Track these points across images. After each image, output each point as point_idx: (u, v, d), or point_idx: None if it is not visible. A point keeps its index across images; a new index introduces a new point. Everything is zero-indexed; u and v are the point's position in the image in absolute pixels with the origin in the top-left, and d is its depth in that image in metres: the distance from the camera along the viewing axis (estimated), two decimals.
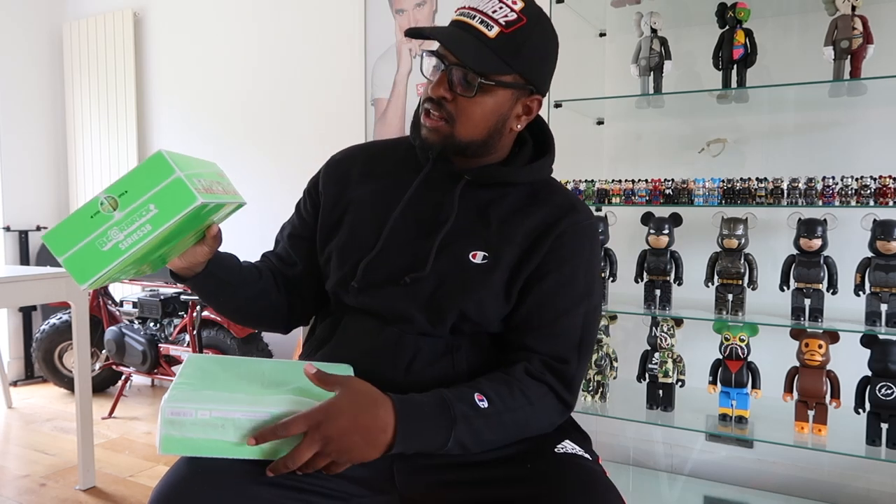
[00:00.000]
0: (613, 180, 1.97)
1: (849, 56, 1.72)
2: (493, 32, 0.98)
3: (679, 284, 1.91)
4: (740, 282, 1.82)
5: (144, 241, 0.78)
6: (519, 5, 0.99)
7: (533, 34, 0.99)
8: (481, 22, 0.98)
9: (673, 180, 1.89)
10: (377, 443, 0.87)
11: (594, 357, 1.97)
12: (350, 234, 1.10)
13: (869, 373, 1.68)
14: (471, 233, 1.05)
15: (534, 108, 1.07)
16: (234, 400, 0.87)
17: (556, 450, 0.98)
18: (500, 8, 0.98)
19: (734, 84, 1.86)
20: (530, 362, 1.01)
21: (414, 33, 0.99)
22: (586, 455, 0.99)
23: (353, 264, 1.06)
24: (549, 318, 1.03)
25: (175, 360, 3.06)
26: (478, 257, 1.03)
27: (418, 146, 1.08)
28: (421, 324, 1.02)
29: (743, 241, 1.80)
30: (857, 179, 1.67)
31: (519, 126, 1.07)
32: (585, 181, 2.00)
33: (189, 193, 0.77)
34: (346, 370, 0.99)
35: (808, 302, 1.74)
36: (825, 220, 1.72)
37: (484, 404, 0.94)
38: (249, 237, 3.28)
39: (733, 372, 1.80)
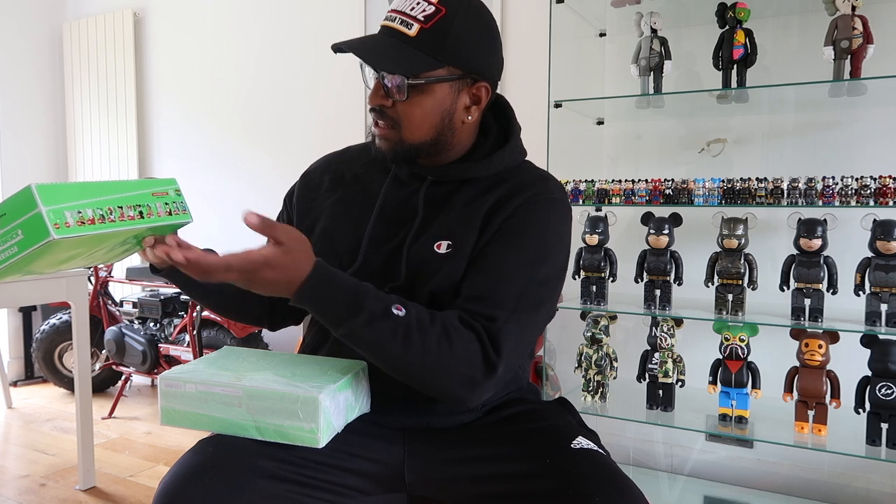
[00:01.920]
0: (613, 180, 1.97)
1: (849, 56, 1.71)
2: (414, 30, 0.98)
3: (679, 284, 1.91)
4: (740, 282, 1.82)
5: (13, 259, 0.84)
6: None
7: (455, 22, 0.98)
8: (402, 22, 0.99)
9: (673, 180, 1.89)
10: (281, 291, 0.89)
11: (594, 357, 1.97)
12: (324, 240, 1.11)
13: (869, 373, 1.67)
14: (436, 224, 1.05)
15: (482, 96, 1.05)
16: (219, 377, 0.93)
17: (572, 445, 0.97)
18: (417, 4, 0.99)
19: (734, 84, 1.86)
20: (462, 311, 0.97)
21: (336, 49, 1.00)
22: (601, 451, 0.99)
23: None
24: (486, 282, 0.99)
25: (175, 360, 3.06)
26: (442, 247, 1.03)
27: (374, 155, 1.08)
28: None
29: (743, 241, 1.80)
30: (857, 179, 1.67)
31: (470, 117, 1.06)
32: (585, 181, 2.00)
33: (44, 229, 0.82)
34: (359, 364, 1.01)
35: (808, 302, 1.74)
36: (825, 220, 1.72)
37: (399, 312, 0.92)
38: (249, 236, 3.29)
39: (733, 372, 1.80)
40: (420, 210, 1.06)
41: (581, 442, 0.98)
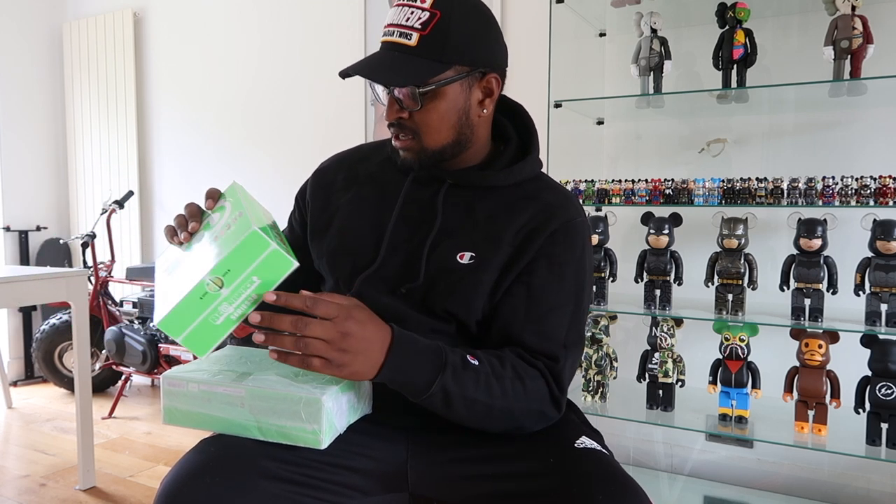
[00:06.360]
0: (613, 180, 1.97)
1: (849, 56, 1.72)
2: (414, 40, 0.99)
3: (679, 284, 1.91)
4: (740, 282, 1.82)
5: (253, 307, 0.87)
6: (428, 1, 0.99)
7: (452, 22, 0.99)
8: (400, 35, 1.00)
9: (673, 180, 1.89)
10: (374, 359, 0.89)
11: (594, 357, 1.98)
12: (339, 238, 1.11)
13: (869, 373, 1.68)
14: (457, 233, 1.05)
15: (494, 88, 1.07)
16: (222, 376, 0.94)
17: (576, 445, 0.98)
18: (412, 13, 0.99)
19: (734, 84, 1.86)
20: (522, 349, 1.02)
21: (343, 75, 1.02)
22: (604, 450, 0.99)
23: (347, 270, 1.08)
24: (537, 313, 1.03)
25: (175, 360, 3.06)
26: (465, 258, 1.04)
27: (400, 166, 1.09)
28: (413, 322, 1.03)
29: (743, 241, 1.80)
30: (857, 179, 1.67)
31: (485, 110, 1.07)
32: (585, 181, 2.00)
33: (286, 261, 0.86)
34: None
35: (808, 302, 1.74)
36: (825, 220, 1.72)
37: (475, 362, 0.96)
38: None
39: (733, 372, 1.80)
40: (439, 212, 1.06)
41: (584, 441, 0.99)
